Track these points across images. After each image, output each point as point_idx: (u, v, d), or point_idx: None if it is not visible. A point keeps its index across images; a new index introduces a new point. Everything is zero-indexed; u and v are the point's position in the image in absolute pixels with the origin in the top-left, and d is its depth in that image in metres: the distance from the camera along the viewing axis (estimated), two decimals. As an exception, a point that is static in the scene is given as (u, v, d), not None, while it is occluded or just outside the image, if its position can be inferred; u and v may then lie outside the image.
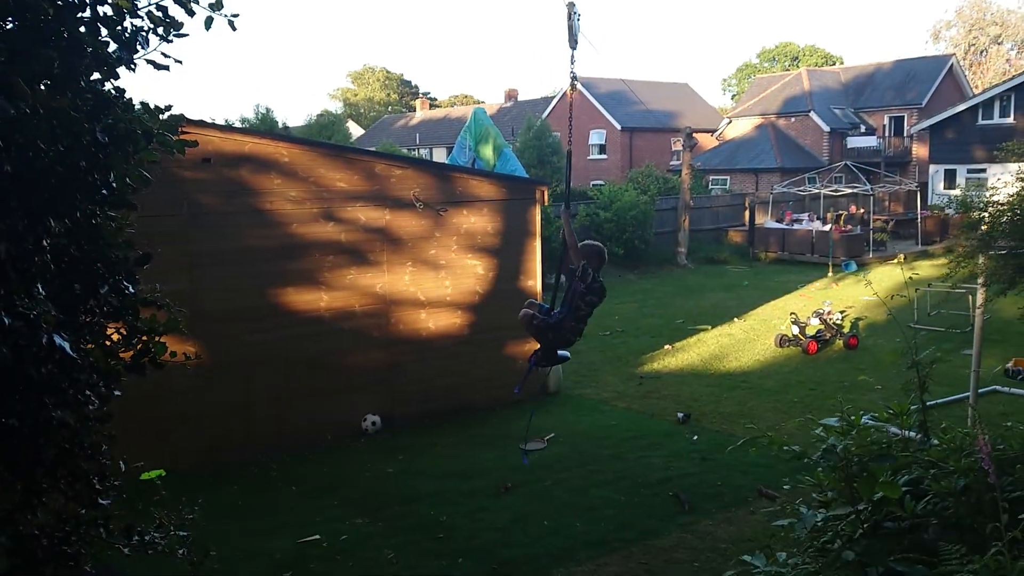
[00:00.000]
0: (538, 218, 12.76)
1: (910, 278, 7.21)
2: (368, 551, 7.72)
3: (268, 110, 39.60)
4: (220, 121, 27.34)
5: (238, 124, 37.11)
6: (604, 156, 45.46)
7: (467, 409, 12.05)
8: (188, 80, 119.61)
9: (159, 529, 3.94)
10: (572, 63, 6.59)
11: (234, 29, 3.24)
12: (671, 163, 43.14)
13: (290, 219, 10.57)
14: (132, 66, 3.01)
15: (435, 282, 11.81)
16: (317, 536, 8.00)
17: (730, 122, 44.83)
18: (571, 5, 6.37)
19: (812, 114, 40.31)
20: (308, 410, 10.77)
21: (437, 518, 8.40)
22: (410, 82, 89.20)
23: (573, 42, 6.40)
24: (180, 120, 3.13)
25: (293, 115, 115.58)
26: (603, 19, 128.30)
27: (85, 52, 2.82)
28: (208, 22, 3.20)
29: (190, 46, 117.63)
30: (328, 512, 8.65)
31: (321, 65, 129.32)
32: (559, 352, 7.09)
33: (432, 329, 11.80)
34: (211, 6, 3.17)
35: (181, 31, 3.12)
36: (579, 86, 45.44)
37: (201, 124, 9.84)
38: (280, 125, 40.06)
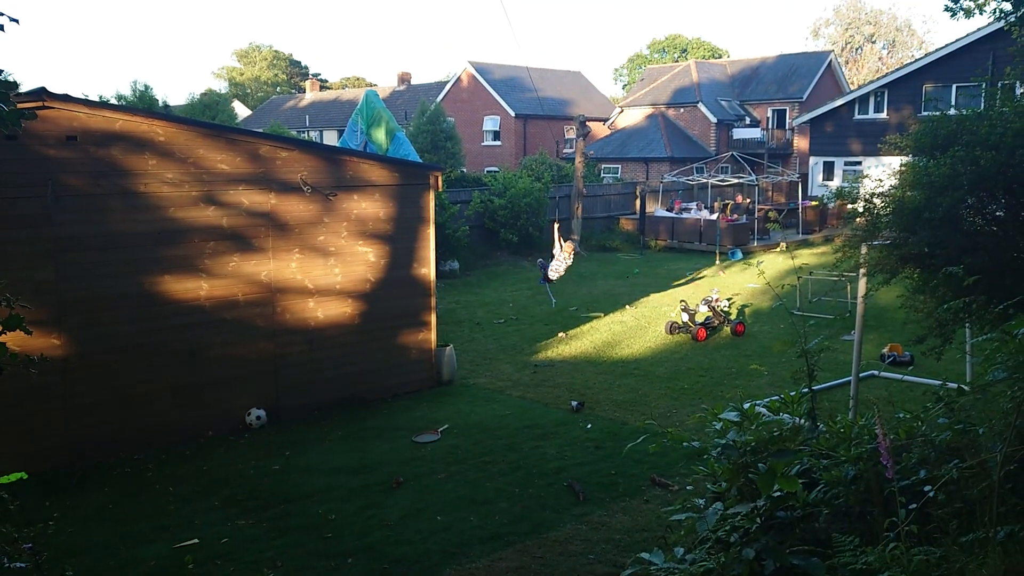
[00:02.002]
0: (432, 204, 12.46)
1: (800, 267, 7.33)
2: (250, 554, 7.31)
3: (147, 87, 37.57)
4: (93, 98, 25.73)
5: (113, 101, 35.08)
6: (498, 143, 45.39)
7: (358, 401, 11.69)
8: (59, 55, 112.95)
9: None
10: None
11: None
12: (565, 151, 43.44)
13: (167, 202, 9.92)
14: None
15: (324, 269, 11.36)
16: (195, 540, 7.53)
17: (622, 111, 45.48)
18: None
19: (700, 105, 41.32)
20: (187, 405, 10.19)
21: (325, 516, 8.06)
22: (300, 63, 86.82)
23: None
24: (11, 87, 2.71)
25: (175, 94, 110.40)
26: (497, 5, 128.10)
27: None
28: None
29: (59, 18, 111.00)
30: (208, 514, 8.17)
31: (204, 42, 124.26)
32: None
33: (321, 318, 11.35)
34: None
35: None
36: (474, 72, 45.39)
37: (65, 99, 9.09)
38: (160, 103, 38.05)
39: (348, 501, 8.43)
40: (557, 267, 16.51)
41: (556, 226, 17.34)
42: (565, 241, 16.67)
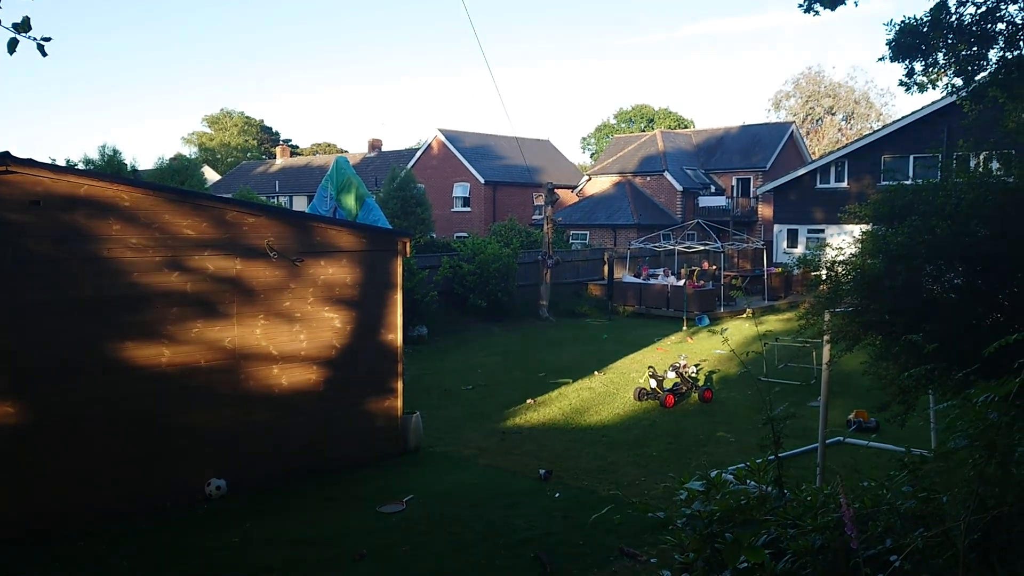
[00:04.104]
0: (400, 269, 12.44)
1: (765, 333, 7.39)
2: (206, 632, 7.04)
3: (115, 151, 37.47)
4: (60, 162, 25.64)
5: (81, 166, 34.93)
6: (468, 209, 45.77)
7: (322, 469, 11.45)
8: (26, 119, 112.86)
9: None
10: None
11: (44, 54, 2.83)
12: (533, 217, 43.91)
13: (130, 267, 9.80)
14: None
15: (289, 336, 11.24)
16: (148, 618, 7.25)
17: (590, 179, 46.22)
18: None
19: (666, 174, 42.14)
20: (144, 475, 9.90)
21: (285, 591, 7.81)
22: (271, 128, 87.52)
23: None
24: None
25: (144, 158, 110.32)
26: (467, 76, 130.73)
27: None
28: (12, 44, 2.78)
29: (28, 83, 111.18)
30: (163, 589, 7.89)
31: (175, 107, 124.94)
32: None
33: (285, 385, 11.18)
34: (15, 26, 2.76)
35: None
36: (444, 139, 45.98)
37: (29, 163, 9.03)
38: (129, 168, 37.98)
39: (310, 574, 8.18)
40: None
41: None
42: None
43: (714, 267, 31.68)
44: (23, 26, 2.78)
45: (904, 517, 4.63)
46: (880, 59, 12.50)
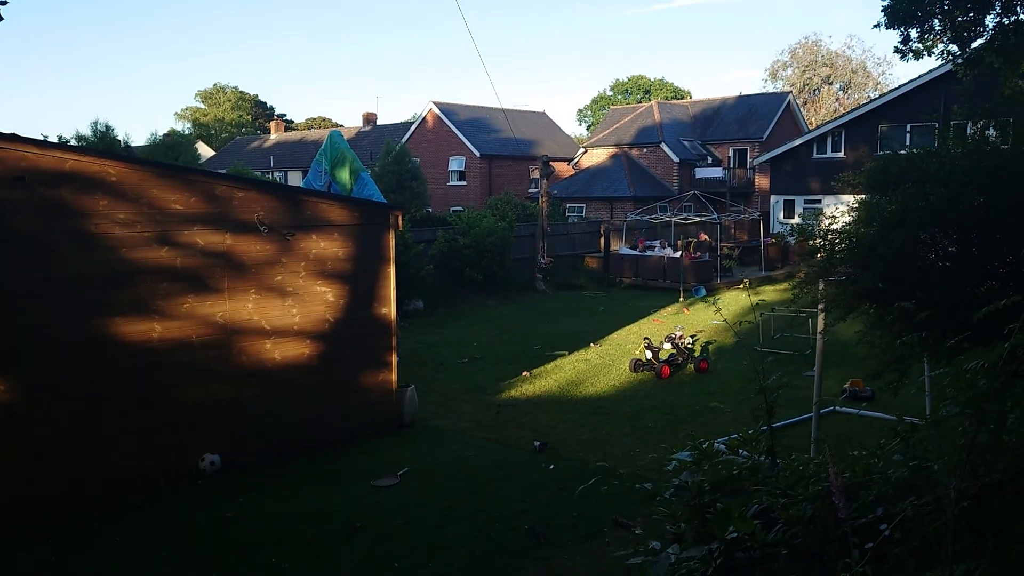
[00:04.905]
0: (392, 243, 12.35)
1: (756, 304, 7.35)
2: (199, 607, 7.04)
3: (108, 127, 37.17)
4: (52, 139, 25.39)
5: (74, 142, 34.65)
6: (464, 182, 45.55)
7: (316, 444, 11.44)
8: (18, 96, 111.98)
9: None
10: None
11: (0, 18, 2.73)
12: (530, 190, 43.71)
13: (119, 243, 9.71)
14: None
15: (282, 310, 11.17)
16: (142, 594, 7.25)
17: (586, 151, 45.95)
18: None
19: (663, 145, 41.89)
20: (137, 452, 9.87)
21: (279, 566, 7.80)
22: (265, 103, 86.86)
23: None
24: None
25: (137, 134, 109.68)
26: (462, 46, 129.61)
27: None
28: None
29: (17, 58, 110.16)
30: (157, 567, 7.88)
31: (168, 83, 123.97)
32: None
33: (278, 360, 11.14)
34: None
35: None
36: (439, 112, 45.65)
37: (13, 138, 8.90)
38: (122, 144, 37.66)
39: (303, 549, 8.18)
40: None
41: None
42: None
43: (710, 240, 31.60)
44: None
45: (895, 486, 4.60)
46: (876, 26, 12.35)
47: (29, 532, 8.67)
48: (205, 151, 61.32)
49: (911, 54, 12.55)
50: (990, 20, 11.89)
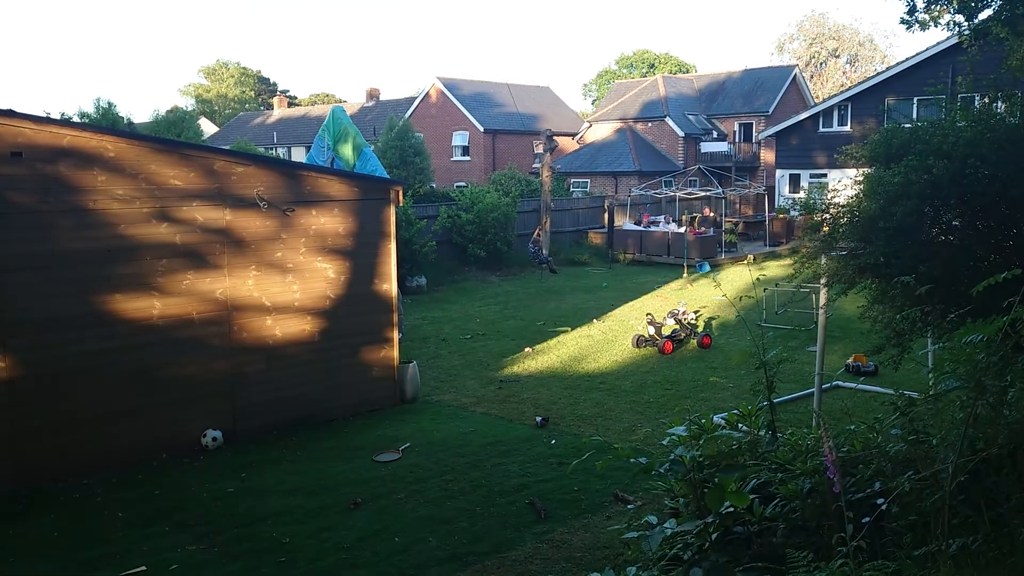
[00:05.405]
0: (393, 219, 12.29)
1: (758, 279, 7.29)
2: (200, 581, 7.07)
3: (110, 104, 37.07)
4: (55, 116, 25.27)
5: (76, 120, 34.54)
6: (467, 158, 45.35)
7: (318, 420, 11.46)
8: (21, 73, 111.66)
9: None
10: None
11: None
12: (534, 165, 43.49)
13: (117, 219, 9.67)
14: None
15: (282, 286, 11.15)
16: (143, 568, 7.27)
17: (590, 126, 45.68)
18: None
19: (668, 119, 41.60)
20: (139, 427, 9.90)
21: (279, 540, 7.82)
22: (268, 79, 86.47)
23: None
24: None
25: (140, 111, 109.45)
26: (466, 20, 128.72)
27: None
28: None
29: (21, 34, 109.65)
30: (158, 540, 7.91)
31: (171, 59, 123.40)
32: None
33: (279, 336, 11.13)
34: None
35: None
36: (442, 87, 45.34)
37: (9, 114, 8.85)
38: (125, 121, 37.54)
39: (304, 523, 8.20)
40: None
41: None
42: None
43: (714, 214, 31.43)
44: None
45: (894, 460, 4.58)
46: (883, -5, 12.15)
47: (30, 506, 8.72)
48: (208, 128, 61.19)
49: (917, 24, 12.36)
50: (998, -10, 11.69)
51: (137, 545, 7.78)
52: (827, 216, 8.28)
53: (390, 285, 12.29)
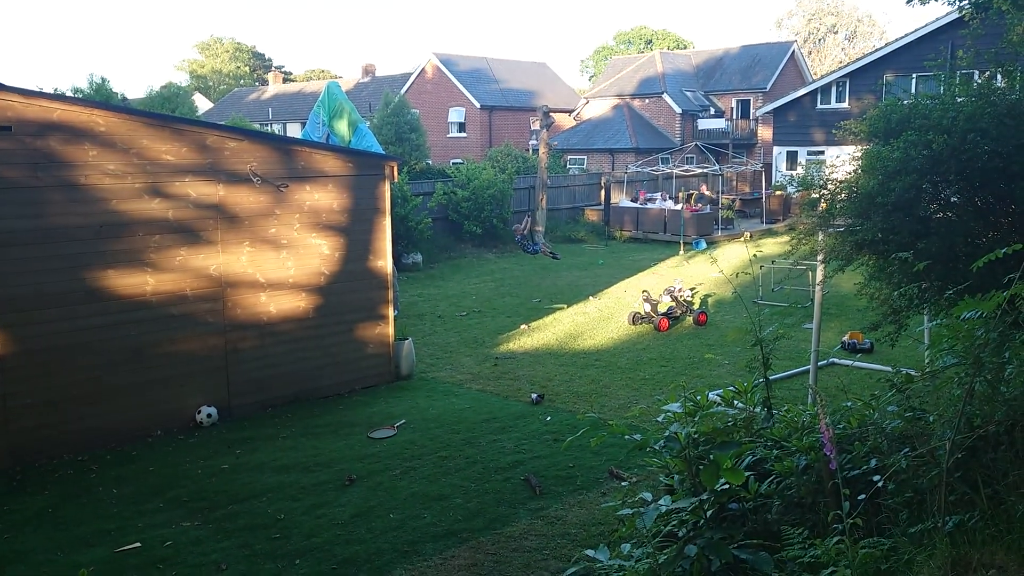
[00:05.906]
0: (388, 194, 12.21)
1: (754, 256, 7.26)
2: (194, 557, 7.07)
3: (104, 80, 36.67)
4: (48, 91, 25.02)
5: (69, 94, 34.20)
6: (464, 134, 45.09)
7: (312, 397, 11.44)
8: (11, 48, 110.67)
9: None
10: None
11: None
12: (530, 142, 43.23)
13: (109, 195, 9.58)
14: None
15: (276, 263, 11.08)
16: (138, 544, 7.27)
17: (587, 102, 45.38)
18: None
19: (665, 96, 41.34)
20: (133, 404, 9.87)
21: (274, 516, 7.82)
22: (263, 55, 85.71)
23: None
24: None
25: (134, 87, 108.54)
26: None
27: None
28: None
29: (13, 9, 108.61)
30: (153, 516, 7.90)
31: (165, 35, 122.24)
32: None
33: (273, 313, 11.08)
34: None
35: None
36: (439, 63, 44.98)
37: (-4, 87, 8.73)
38: (119, 97, 37.19)
39: (298, 500, 8.20)
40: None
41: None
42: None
43: (711, 192, 31.32)
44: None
45: (890, 437, 4.55)
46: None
47: (24, 482, 8.71)
48: (203, 103, 60.75)
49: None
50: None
51: (132, 521, 7.78)
52: (825, 192, 8.21)
53: (385, 261, 12.23)
